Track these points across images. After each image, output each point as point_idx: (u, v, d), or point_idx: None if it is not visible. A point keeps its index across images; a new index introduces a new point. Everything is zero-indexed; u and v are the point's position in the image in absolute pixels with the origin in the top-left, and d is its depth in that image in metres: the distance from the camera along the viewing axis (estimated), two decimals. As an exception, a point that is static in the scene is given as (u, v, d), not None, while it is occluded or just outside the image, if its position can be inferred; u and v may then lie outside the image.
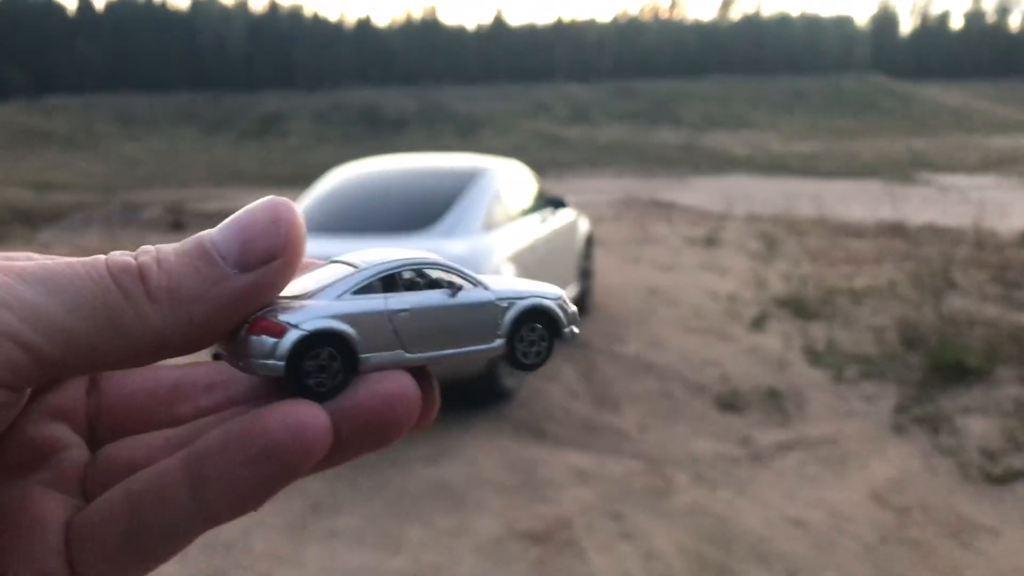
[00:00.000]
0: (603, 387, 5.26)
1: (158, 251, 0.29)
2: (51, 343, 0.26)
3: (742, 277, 8.68)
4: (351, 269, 0.32)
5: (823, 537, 3.40)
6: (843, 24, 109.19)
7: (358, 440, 0.31)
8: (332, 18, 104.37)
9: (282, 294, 0.31)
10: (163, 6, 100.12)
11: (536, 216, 6.12)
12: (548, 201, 6.59)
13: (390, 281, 0.32)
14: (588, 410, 4.87)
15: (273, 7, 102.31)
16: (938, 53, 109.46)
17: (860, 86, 77.36)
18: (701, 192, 20.48)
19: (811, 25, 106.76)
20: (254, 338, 0.29)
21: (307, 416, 0.29)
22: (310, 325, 0.29)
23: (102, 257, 0.28)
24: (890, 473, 3.98)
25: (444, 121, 58.19)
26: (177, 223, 14.04)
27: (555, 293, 0.36)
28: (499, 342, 0.35)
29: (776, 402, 4.96)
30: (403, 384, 0.31)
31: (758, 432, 4.53)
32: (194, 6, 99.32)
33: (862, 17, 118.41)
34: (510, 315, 0.35)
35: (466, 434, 4.50)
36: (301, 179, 29.10)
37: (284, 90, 79.50)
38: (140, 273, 0.28)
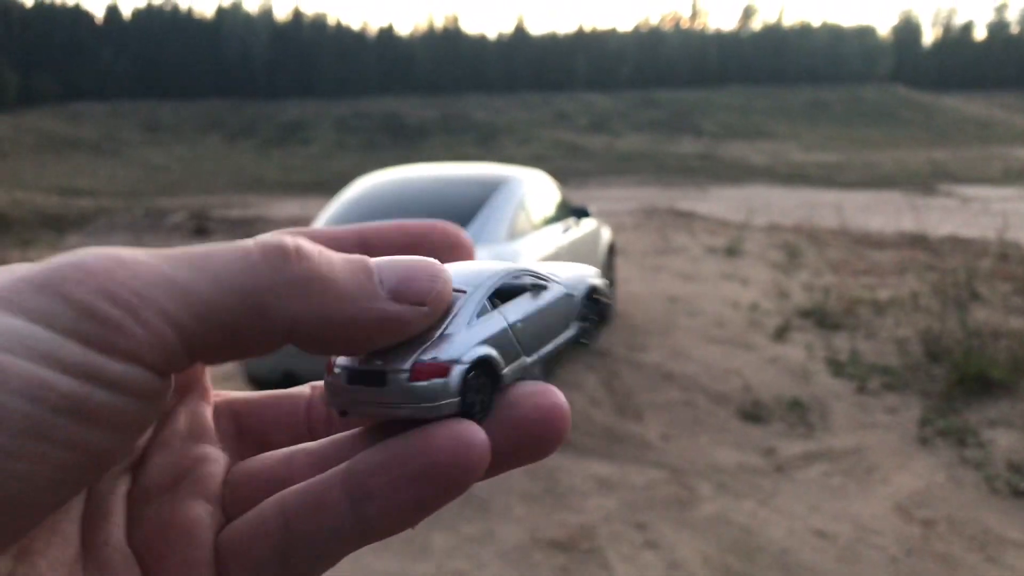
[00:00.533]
0: (625, 396, 5.26)
1: (320, 246, 0.30)
2: (198, 322, 0.26)
3: (764, 287, 8.67)
4: (458, 295, 0.33)
5: (848, 549, 3.39)
6: (865, 34, 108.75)
7: (516, 456, 0.32)
8: (355, 26, 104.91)
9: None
10: (189, 14, 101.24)
11: (559, 225, 6.15)
12: (572, 210, 6.62)
13: (494, 296, 0.34)
14: (610, 419, 4.88)
15: (297, 15, 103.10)
16: (961, 64, 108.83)
17: (881, 96, 77.02)
18: (721, 201, 20.45)
19: (832, 35, 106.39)
20: (422, 384, 0.30)
21: (471, 435, 0.30)
22: (469, 357, 0.31)
23: (251, 239, 0.29)
24: (915, 486, 3.96)
25: (464, 130, 58.42)
26: (201, 229, 14.16)
27: (593, 271, 0.39)
28: (575, 327, 0.37)
29: (799, 413, 4.95)
30: (556, 399, 0.31)
31: (781, 443, 4.52)
32: (219, 13, 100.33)
33: (884, 27, 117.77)
34: (576, 301, 0.37)
35: (489, 441, 4.52)
36: (323, 186, 29.34)
37: (307, 98, 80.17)
38: (296, 252, 0.28)
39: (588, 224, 6.72)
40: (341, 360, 0.32)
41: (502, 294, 0.34)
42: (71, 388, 0.24)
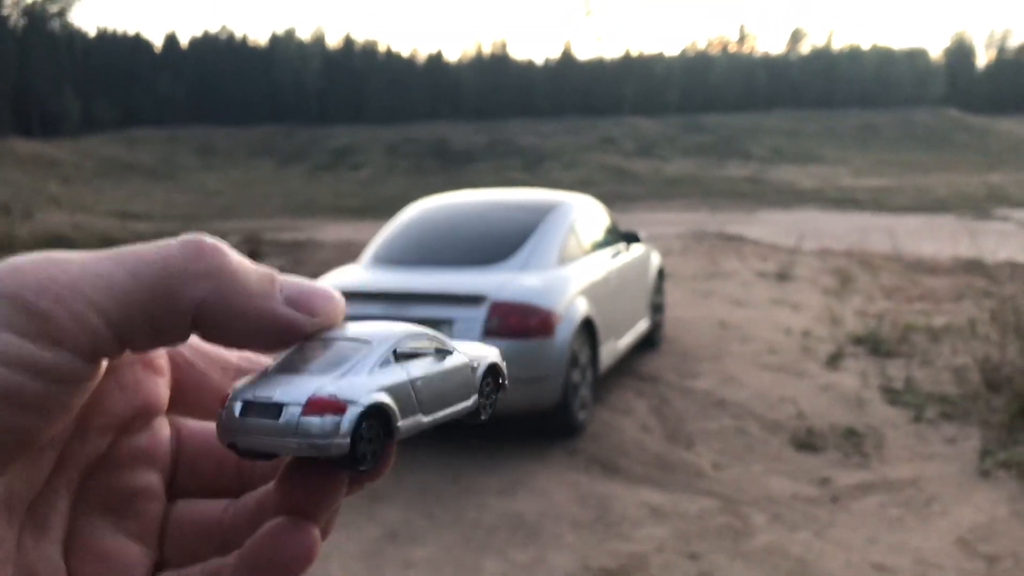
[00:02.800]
0: (676, 423, 5.21)
1: (231, 250, 0.33)
2: (118, 308, 0.29)
3: (816, 313, 8.55)
4: (362, 344, 0.33)
5: (908, 583, 3.31)
6: (916, 57, 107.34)
7: None
8: (404, 53, 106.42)
9: (298, 371, 0.33)
10: (243, 41, 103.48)
11: (609, 250, 6.14)
12: (622, 235, 6.61)
13: (397, 353, 0.34)
14: (661, 446, 4.83)
15: (348, 42, 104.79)
16: (1017, 86, 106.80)
17: (934, 120, 75.88)
18: (770, 226, 20.25)
19: (883, 58, 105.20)
20: (314, 419, 0.30)
21: (309, 543, 0.33)
22: (366, 400, 0.31)
23: (176, 238, 0.32)
24: (977, 519, 3.86)
25: (511, 154, 58.74)
26: (254, 252, 14.37)
27: (495, 351, 0.39)
28: (474, 398, 0.37)
29: (854, 442, 4.86)
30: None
31: (836, 472, 4.44)
32: (273, 41, 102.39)
33: (936, 50, 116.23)
34: (479, 373, 0.37)
35: (539, 467, 4.50)
36: (372, 210, 29.60)
37: (357, 124, 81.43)
38: (211, 249, 0.31)
39: (637, 249, 6.69)
40: (239, 392, 0.32)
41: (406, 355, 0.34)
42: (6, 377, 0.27)
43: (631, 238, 6.70)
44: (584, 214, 5.97)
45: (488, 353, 0.39)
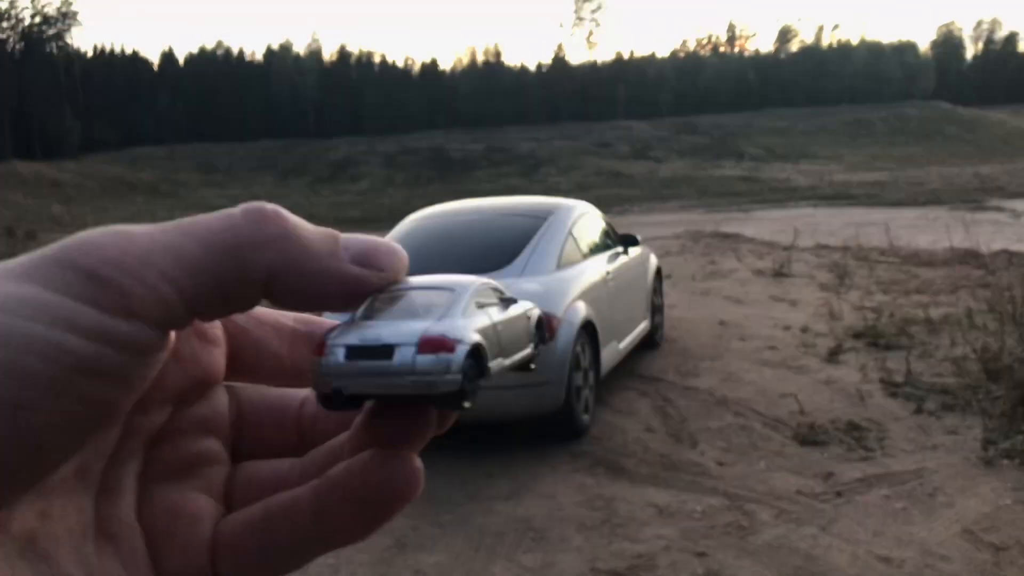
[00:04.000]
0: (679, 422, 5.23)
1: (292, 215, 0.33)
2: (190, 278, 0.30)
3: (814, 308, 8.57)
4: (447, 292, 0.35)
5: None
6: (905, 51, 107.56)
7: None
8: (399, 63, 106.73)
9: (387, 318, 0.34)
10: (240, 57, 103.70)
11: (607, 253, 6.18)
12: (620, 239, 6.65)
13: (477, 301, 0.36)
14: (665, 446, 4.85)
15: (343, 54, 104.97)
16: (1005, 76, 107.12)
17: (924, 113, 76.06)
18: (766, 224, 20.30)
19: (872, 53, 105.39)
20: (428, 356, 0.31)
21: (417, 470, 0.34)
22: (469, 339, 0.32)
23: (237, 206, 0.33)
24: (982, 509, 3.88)
25: (508, 161, 58.97)
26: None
27: (533, 305, 0.41)
28: (531, 346, 0.39)
29: (857, 435, 4.87)
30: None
31: (840, 466, 4.46)
32: (269, 56, 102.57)
33: (924, 43, 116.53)
34: (532, 323, 0.39)
35: (544, 470, 4.52)
36: (373, 221, 29.59)
37: (354, 136, 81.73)
38: (274, 214, 0.32)
39: (635, 251, 6.73)
40: (338, 340, 0.33)
41: (482, 304, 0.36)
42: (85, 349, 0.28)
43: (630, 241, 6.74)
44: (581, 219, 6.00)
45: (531, 305, 0.40)
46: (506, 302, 0.38)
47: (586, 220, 6.12)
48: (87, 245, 0.29)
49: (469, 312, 0.34)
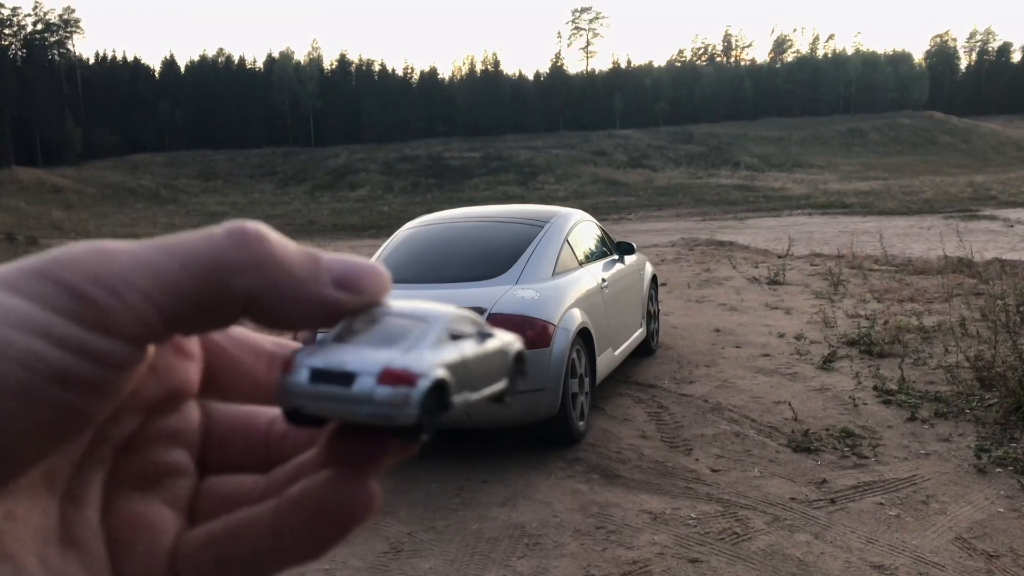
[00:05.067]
0: (673, 429, 5.24)
1: (278, 234, 0.34)
2: (170, 298, 0.30)
3: (808, 316, 8.60)
4: (419, 322, 0.35)
5: (908, 580, 3.34)
6: (899, 61, 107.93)
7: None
8: (399, 70, 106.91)
9: (357, 343, 0.34)
10: (241, 65, 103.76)
11: (603, 261, 6.20)
12: (616, 246, 6.68)
13: (450, 332, 0.35)
14: (659, 452, 4.86)
15: (343, 62, 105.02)
16: (999, 86, 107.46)
17: (918, 123, 76.25)
18: (761, 232, 20.34)
19: (867, 63, 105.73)
20: (387, 389, 0.31)
21: (373, 493, 0.34)
22: (432, 374, 0.32)
23: (220, 225, 0.33)
24: (975, 516, 3.89)
25: (506, 169, 59.11)
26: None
27: (518, 340, 0.41)
28: (505, 381, 0.39)
29: (850, 443, 4.89)
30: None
31: (833, 473, 4.47)
32: (269, 64, 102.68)
33: (918, 53, 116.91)
34: (510, 358, 0.39)
35: (539, 477, 4.52)
36: (372, 227, 29.53)
37: (354, 144, 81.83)
38: (255, 235, 0.32)
39: (630, 259, 6.75)
40: (304, 360, 0.33)
41: (455, 335, 0.36)
42: (61, 359, 0.28)
43: (626, 249, 6.77)
44: (578, 226, 6.02)
45: (512, 339, 0.40)
46: (483, 336, 0.38)
47: (582, 228, 6.15)
48: (69, 260, 0.30)
49: (440, 344, 0.34)
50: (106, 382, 0.30)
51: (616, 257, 6.53)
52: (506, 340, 0.39)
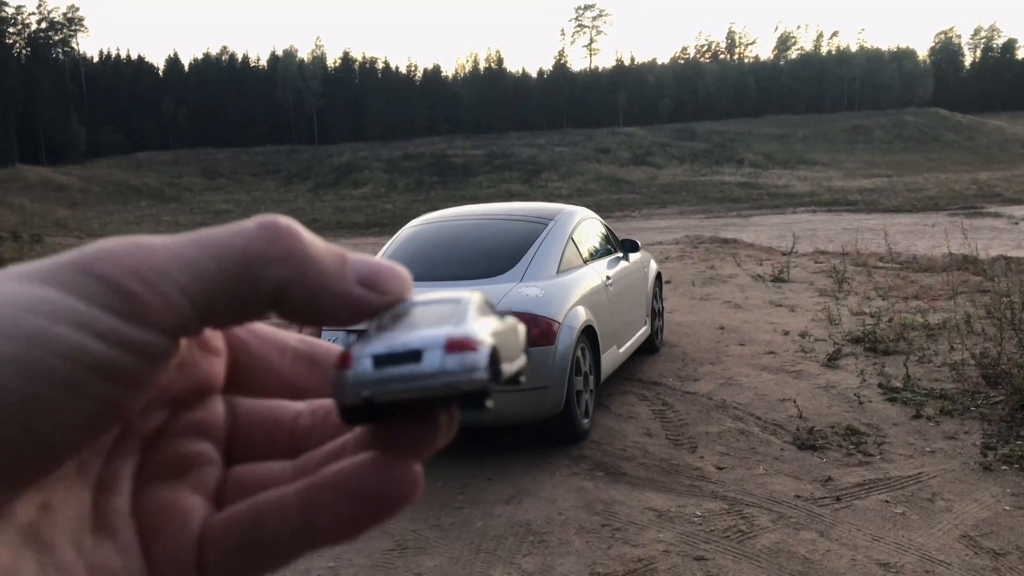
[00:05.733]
0: (678, 426, 5.24)
1: (305, 230, 0.35)
2: (204, 290, 0.31)
3: (813, 314, 8.59)
4: (456, 303, 0.36)
5: (914, 578, 3.33)
6: (904, 58, 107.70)
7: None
8: (403, 68, 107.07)
9: (401, 328, 0.35)
10: (245, 63, 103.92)
11: (608, 258, 6.19)
12: (620, 244, 6.68)
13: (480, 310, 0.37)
14: (664, 450, 4.86)
15: (347, 60, 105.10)
16: (1003, 83, 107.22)
17: (922, 120, 76.13)
18: (765, 229, 20.32)
19: (871, 60, 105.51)
20: (455, 356, 0.32)
21: (418, 476, 0.35)
22: (489, 340, 0.33)
23: (251, 219, 0.34)
24: (981, 514, 3.89)
25: (509, 167, 59.18)
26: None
27: (518, 321, 0.41)
28: (523, 357, 0.39)
29: (855, 440, 4.88)
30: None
31: (839, 471, 4.47)
32: (273, 62, 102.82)
33: (923, 50, 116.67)
34: (521, 337, 0.40)
35: (544, 474, 4.52)
36: (376, 225, 29.55)
37: (357, 141, 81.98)
38: (287, 230, 0.33)
39: (635, 257, 6.75)
40: (363, 351, 0.34)
41: (482, 312, 0.36)
42: (103, 351, 0.29)
43: (631, 246, 6.76)
44: (582, 224, 6.01)
45: (517, 322, 0.40)
46: (502, 314, 0.39)
47: (587, 225, 6.14)
48: (107, 254, 0.31)
49: (479, 318, 0.35)
50: (142, 374, 0.31)
51: (620, 255, 6.53)
52: (512, 321, 0.40)
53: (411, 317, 0.35)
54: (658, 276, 7.53)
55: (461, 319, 0.34)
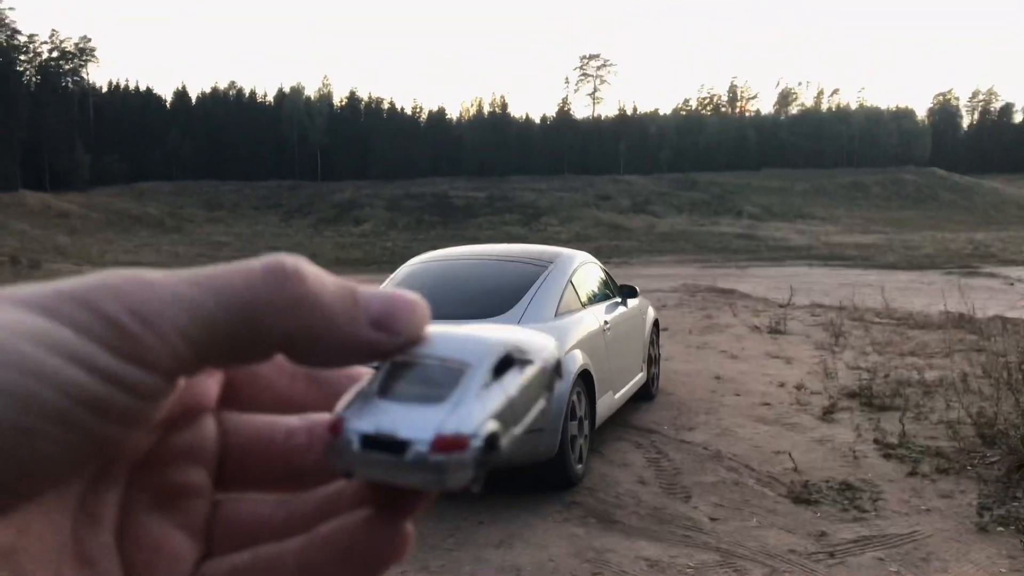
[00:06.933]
0: (672, 475, 5.20)
1: (316, 268, 0.33)
2: (204, 333, 0.30)
3: (809, 366, 8.57)
4: (464, 367, 0.33)
5: (908, 638, 3.28)
6: (903, 117, 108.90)
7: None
8: (408, 109, 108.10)
9: (402, 398, 0.33)
10: (252, 98, 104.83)
11: (606, 303, 6.19)
12: (619, 290, 6.68)
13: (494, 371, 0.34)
14: (658, 499, 4.81)
15: (353, 99, 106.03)
16: (1000, 146, 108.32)
17: (920, 179, 76.81)
18: (762, 280, 20.37)
19: (870, 119, 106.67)
20: (440, 456, 0.31)
21: (408, 536, 0.34)
22: (483, 432, 0.31)
23: (256, 259, 0.33)
24: None
25: (510, 210, 59.52)
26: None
27: (554, 342, 0.39)
28: (544, 398, 0.37)
29: (850, 495, 4.84)
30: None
31: (833, 526, 4.42)
32: (279, 98, 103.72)
33: (921, 111, 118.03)
34: (547, 375, 0.37)
35: (536, 519, 4.47)
36: (375, 262, 29.56)
37: (360, 180, 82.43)
38: (294, 274, 0.32)
39: (633, 303, 6.75)
40: (353, 425, 0.32)
41: (497, 371, 0.34)
42: (95, 387, 0.29)
43: (629, 292, 6.76)
44: (582, 268, 6.02)
45: (548, 345, 0.38)
46: (524, 363, 0.36)
47: (586, 270, 6.15)
48: (108, 288, 0.30)
49: (486, 388, 0.33)
50: (136, 412, 0.30)
51: (619, 300, 6.53)
52: (544, 356, 0.37)
53: (414, 376, 0.33)
54: (655, 323, 7.53)
55: (462, 396, 0.32)
